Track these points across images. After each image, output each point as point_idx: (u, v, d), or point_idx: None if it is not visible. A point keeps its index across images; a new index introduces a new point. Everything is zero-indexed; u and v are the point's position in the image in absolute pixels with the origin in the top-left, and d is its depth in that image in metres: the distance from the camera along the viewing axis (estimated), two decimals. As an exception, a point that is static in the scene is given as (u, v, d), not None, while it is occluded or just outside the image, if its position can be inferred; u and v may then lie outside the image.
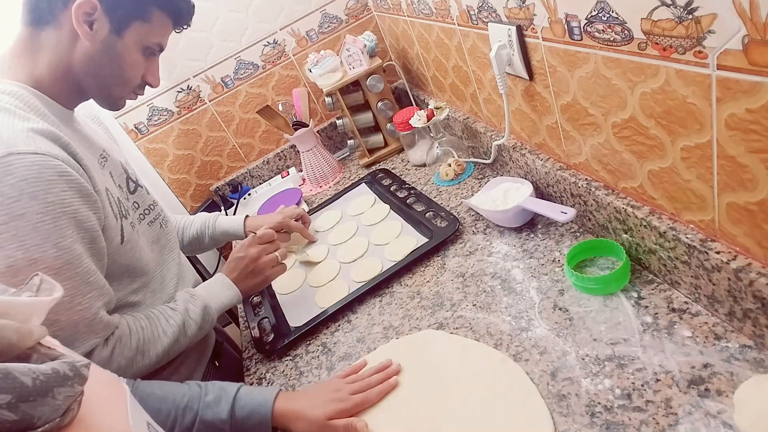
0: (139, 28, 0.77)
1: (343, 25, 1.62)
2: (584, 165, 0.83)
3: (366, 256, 1.10)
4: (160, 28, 0.80)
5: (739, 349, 0.61)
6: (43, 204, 0.63)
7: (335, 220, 1.28)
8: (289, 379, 0.90)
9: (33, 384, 0.31)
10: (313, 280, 1.11)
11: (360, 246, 1.13)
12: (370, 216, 1.22)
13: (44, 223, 0.63)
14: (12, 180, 0.61)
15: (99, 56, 0.76)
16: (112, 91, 0.81)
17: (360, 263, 1.09)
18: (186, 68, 1.51)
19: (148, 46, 0.80)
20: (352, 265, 1.09)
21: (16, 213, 0.61)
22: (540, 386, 0.68)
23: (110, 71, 0.78)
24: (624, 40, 0.58)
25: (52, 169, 0.64)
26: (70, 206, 0.66)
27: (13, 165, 0.61)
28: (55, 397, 0.32)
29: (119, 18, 0.75)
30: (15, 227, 0.61)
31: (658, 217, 0.69)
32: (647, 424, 0.58)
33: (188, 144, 1.60)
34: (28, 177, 0.62)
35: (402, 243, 1.07)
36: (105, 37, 0.75)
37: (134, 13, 0.76)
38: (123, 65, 0.78)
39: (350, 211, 1.29)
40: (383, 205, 1.23)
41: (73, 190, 0.67)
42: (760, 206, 0.53)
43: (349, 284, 1.04)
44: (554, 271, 0.84)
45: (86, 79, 0.77)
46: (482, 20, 0.90)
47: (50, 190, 0.64)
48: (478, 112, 1.18)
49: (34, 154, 0.63)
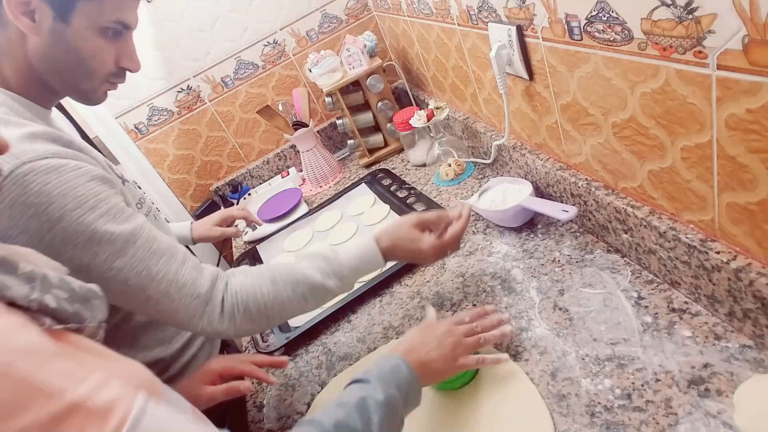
0: (86, 7, 0.67)
1: (343, 25, 1.62)
2: (584, 165, 0.83)
3: None
4: (112, 1, 0.69)
5: (739, 349, 0.61)
6: (75, 199, 0.61)
7: (335, 220, 1.28)
8: (289, 379, 0.90)
9: (79, 290, 0.43)
10: None
11: None
12: (371, 216, 1.22)
13: (84, 215, 0.62)
14: (36, 188, 0.59)
15: (51, 50, 0.68)
16: (80, 85, 0.73)
17: None
18: (186, 68, 1.51)
19: (105, 27, 0.69)
20: None
21: (55, 216, 0.60)
22: (540, 386, 0.68)
23: (69, 64, 0.70)
24: (624, 40, 0.58)
25: (68, 167, 0.63)
26: (100, 194, 0.64)
27: (29, 174, 0.59)
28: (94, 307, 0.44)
29: (59, 2, 0.65)
30: (61, 230, 0.60)
31: (658, 217, 0.69)
32: (647, 424, 0.58)
33: (188, 144, 1.60)
34: (50, 181, 0.60)
35: None
36: (51, 27, 0.66)
37: None
38: (82, 55, 0.69)
39: (350, 211, 1.29)
40: (383, 205, 1.23)
41: (96, 180, 0.65)
42: (760, 206, 0.53)
43: None
44: (554, 271, 0.84)
45: (49, 76, 0.70)
46: (482, 20, 0.90)
47: (76, 186, 0.62)
48: (478, 112, 1.18)
49: (44, 158, 0.61)
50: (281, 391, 0.89)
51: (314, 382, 0.87)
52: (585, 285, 0.79)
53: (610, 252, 0.82)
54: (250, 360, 0.81)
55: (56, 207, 0.60)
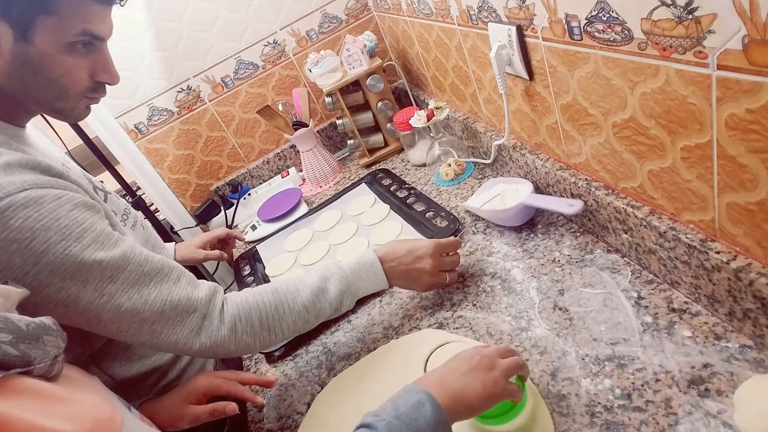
0: (47, 23, 0.61)
1: (343, 25, 1.61)
2: (584, 165, 0.83)
3: None
4: (74, 12, 0.62)
5: (739, 349, 0.61)
6: (59, 232, 0.59)
7: (335, 220, 1.28)
8: (289, 379, 0.90)
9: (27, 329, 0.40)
10: None
11: (360, 246, 1.13)
12: (370, 216, 1.22)
13: (70, 247, 0.60)
14: (16, 223, 0.57)
15: (18, 72, 0.63)
16: (55, 105, 0.68)
17: None
18: (186, 68, 1.51)
19: (72, 42, 0.64)
20: None
21: (39, 251, 0.58)
22: (540, 386, 0.68)
23: (39, 85, 0.65)
24: (624, 40, 0.58)
25: (48, 198, 0.60)
26: (84, 222, 0.62)
27: (9, 210, 0.57)
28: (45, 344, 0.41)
29: (18, 18, 0.60)
30: (47, 264, 0.58)
31: (658, 217, 0.69)
32: (647, 424, 0.58)
33: (188, 144, 1.60)
34: (31, 215, 0.58)
35: None
36: (13, 48, 0.61)
37: (31, 5, 0.60)
38: (50, 74, 0.64)
39: (350, 211, 1.29)
40: (383, 205, 1.23)
41: (79, 207, 0.63)
42: (760, 206, 0.53)
43: None
44: (554, 271, 0.84)
45: (21, 98, 0.66)
46: (482, 20, 0.90)
47: (58, 217, 0.60)
48: (478, 112, 1.18)
49: (23, 191, 0.58)
50: (281, 391, 0.89)
51: (314, 382, 0.87)
52: (585, 285, 0.79)
53: (610, 252, 0.82)
54: (236, 378, 0.79)
55: (39, 241, 0.58)
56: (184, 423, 0.73)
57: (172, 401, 0.75)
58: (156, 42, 1.45)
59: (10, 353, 0.37)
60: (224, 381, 0.78)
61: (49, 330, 0.42)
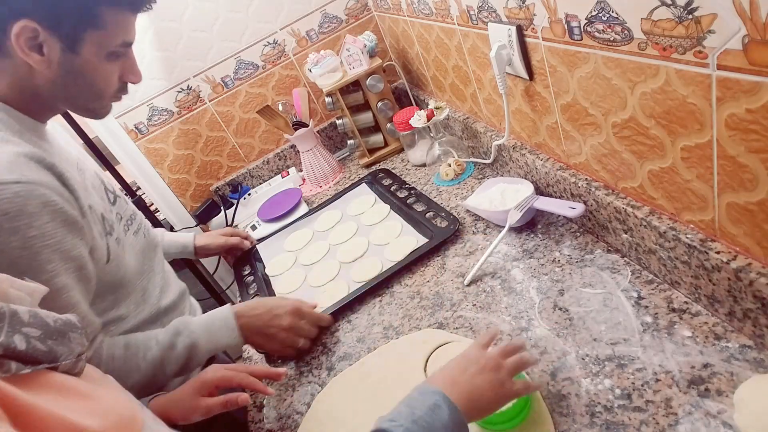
0: (95, 36, 0.67)
1: (343, 25, 1.61)
2: (584, 165, 0.83)
3: (366, 256, 1.10)
4: (118, 26, 0.69)
5: (739, 349, 0.61)
6: (23, 239, 0.60)
7: (335, 220, 1.28)
8: (289, 379, 0.90)
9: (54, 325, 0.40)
10: (313, 280, 1.10)
11: (360, 246, 1.13)
12: (371, 216, 1.22)
13: (22, 258, 0.61)
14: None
15: (62, 79, 0.68)
16: (89, 106, 0.74)
17: (360, 263, 1.08)
18: (186, 68, 1.51)
19: (112, 51, 0.70)
20: (352, 265, 1.09)
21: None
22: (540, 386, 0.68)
23: (80, 89, 0.71)
24: (624, 40, 0.58)
25: (36, 200, 0.61)
26: (53, 238, 0.63)
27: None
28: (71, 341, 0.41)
29: (68, 33, 0.65)
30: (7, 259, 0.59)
31: (658, 217, 0.69)
32: (647, 424, 0.58)
33: (188, 144, 1.60)
34: (10, 211, 0.59)
35: (402, 243, 1.07)
36: (60, 59, 0.66)
37: (82, 22, 0.66)
38: (92, 80, 0.70)
39: (350, 211, 1.29)
40: (383, 205, 1.23)
41: (58, 220, 0.64)
42: (760, 206, 0.53)
43: (349, 284, 1.03)
44: (554, 271, 0.84)
45: (56, 101, 0.71)
46: (482, 20, 0.90)
47: (32, 224, 0.61)
48: (478, 112, 1.18)
49: (17, 183, 0.59)
50: (281, 391, 0.89)
51: (314, 382, 0.87)
52: (585, 285, 0.79)
53: (610, 252, 0.82)
54: (247, 370, 0.79)
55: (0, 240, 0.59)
56: (197, 415, 0.73)
57: (183, 395, 0.75)
58: (156, 42, 1.45)
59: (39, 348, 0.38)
60: (236, 373, 0.78)
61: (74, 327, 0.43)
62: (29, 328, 0.38)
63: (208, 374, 0.77)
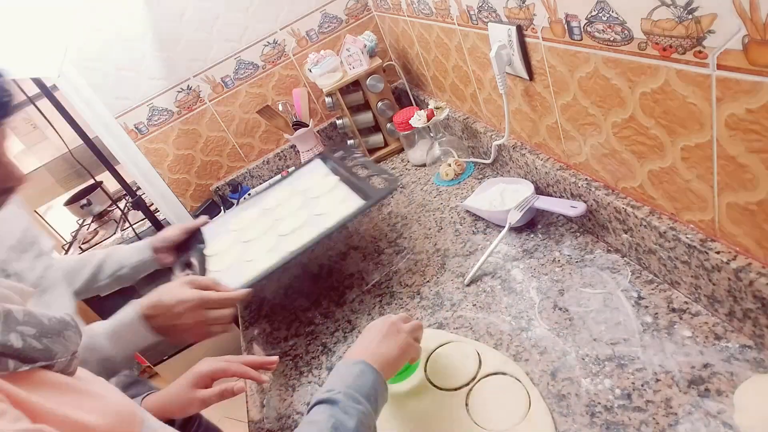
0: None
1: (343, 25, 1.62)
2: (584, 165, 0.83)
3: (304, 226, 1.05)
4: None
5: (739, 349, 0.61)
6: None
7: (284, 196, 1.22)
8: (289, 379, 0.90)
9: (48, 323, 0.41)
10: (247, 254, 1.06)
11: (300, 218, 1.08)
12: (318, 189, 1.17)
13: None
14: None
15: None
16: None
17: (297, 234, 1.03)
18: (186, 68, 1.51)
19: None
20: (289, 237, 1.04)
21: None
22: (540, 386, 0.68)
23: None
24: (624, 40, 0.58)
25: None
26: None
27: None
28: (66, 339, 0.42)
29: None
30: None
31: (658, 217, 0.69)
32: (647, 424, 0.58)
33: (188, 144, 1.60)
34: None
35: (340, 210, 1.01)
36: None
37: None
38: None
39: (299, 186, 1.24)
40: (333, 178, 1.17)
41: None
42: (760, 206, 0.53)
43: (281, 255, 0.97)
44: (554, 271, 0.84)
45: None
46: (482, 20, 0.90)
47: None
48: (478, 112, 1.18)
49: None
50: (281, 391, 0.89)
51: (314, 383, 0.87)
52: (585, 285, 0.79)
53: (610, 252, 0.82)
54: (240, 360, 0.80)
55: None
56: (194, 408, 0.73)
57: (178, 388, 0.75)
58: (156, 42, 1.45)
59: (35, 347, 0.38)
60: (229, 363, 0.78)
61: (68, 325, 0.43)
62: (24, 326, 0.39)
63: (202, 366, 0.78)
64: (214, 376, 0.77)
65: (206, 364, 0.78)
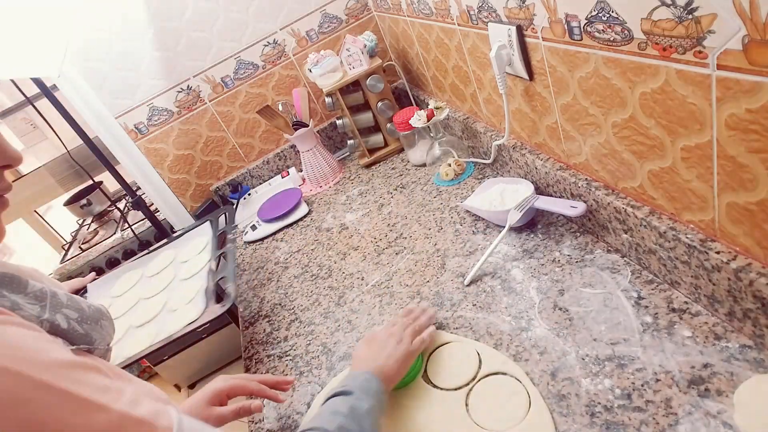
0: None
1: (343, 25, 1.61)
2: (584, 165, 0.83)
3: (150, 323, 1.00)
4: None
5: (739, 349, 0.61)
6: None
7: (166, 263, 1.19)
8: (289, 379, 0.90)
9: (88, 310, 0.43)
10: None
11: (155, 307, 1.04)
12: (190, 266, 1.12)
13: None
14: None
15: None
16: None
17: (141, 331, 0.98)
18: (186, 68, 1.51)
19: None
20: (137, 330, 0.99)
21: None
22: (540, 386, 0.68)
23: None
24: (624, 40, 0.58)
25: None
26: None
27: None
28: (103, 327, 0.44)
29: None
30: None
31: (658, 217, 0.69)
32: (647, 424, 0.58)
33: (188, 144, 1.60)
34: None
35: (180, 315, 0.95)
36: None
37: None
38: None
39: (182, 256, 1.19)
40: (205, 255, 1.12)
41: None
42: (760, 206, 0.53)
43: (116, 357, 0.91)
44: (554, 271, 0.84)
45: None
46: (482, 20, 0.90)
47: None
48: (478, 112, 1.18)
49: None
50: (281, 391, 0.89)
51: (314, 383, 0.87)
52: (585, 285, 0.79)
53: (610, 252, 0.82)
54: (256, 379, 0.79)
55: None
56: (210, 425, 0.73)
57: (194, 404, 0.74)
58: (156, 42, 1.45)
59: (77, 330, 0.40)
60: (247, 381, 0.78)
61: (104, 315, 0.45)
62: (68, 309, 0.41)
63: (218, 384, 0.77)
64: (230, 394, 0.77)
65: (223, 381, 0.77)
